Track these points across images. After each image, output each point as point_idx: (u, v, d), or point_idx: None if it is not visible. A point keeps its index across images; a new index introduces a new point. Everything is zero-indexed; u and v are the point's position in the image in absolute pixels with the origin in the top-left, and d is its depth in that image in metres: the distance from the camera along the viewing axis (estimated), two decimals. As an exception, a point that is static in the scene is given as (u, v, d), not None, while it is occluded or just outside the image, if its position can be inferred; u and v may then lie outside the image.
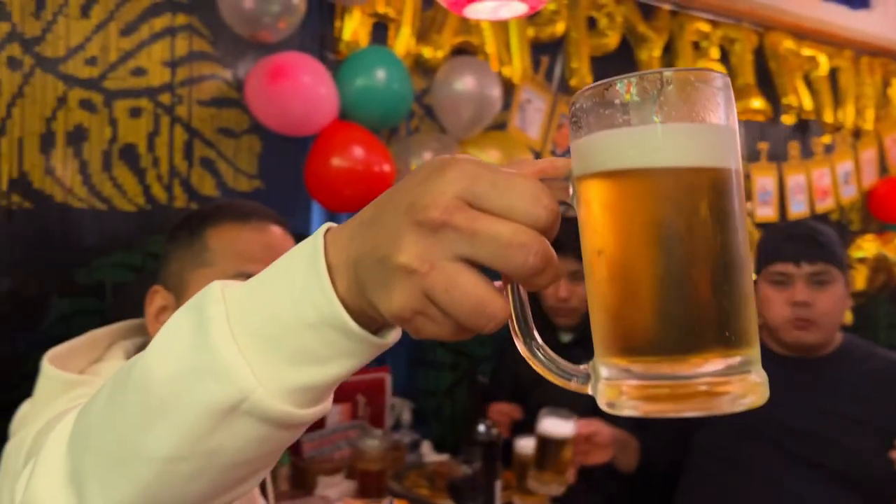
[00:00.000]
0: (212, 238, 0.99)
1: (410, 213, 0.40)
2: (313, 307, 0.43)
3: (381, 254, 0.41)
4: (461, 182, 0.40)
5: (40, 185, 1.88)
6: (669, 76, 0.40)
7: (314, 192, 2.17)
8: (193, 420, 0.43)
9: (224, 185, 2.16)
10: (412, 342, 2.56)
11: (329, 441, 2.18)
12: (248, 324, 0.44)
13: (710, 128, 0.41)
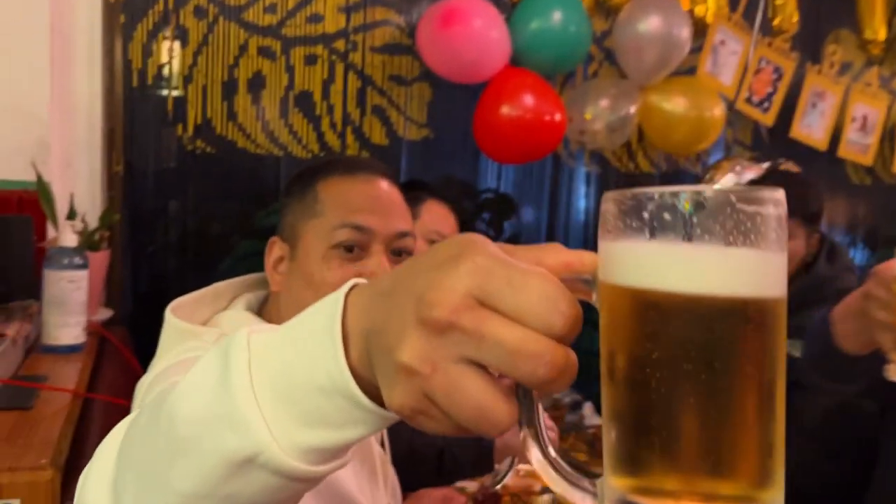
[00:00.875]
0: (322, 190, 1.00)
1: (418, 308, 0.37)
2: (326, 373, 0.42)
3: (386, 344, 0.39)
4: (474, 278, 0.37)
5: (223, 132, 1.97)
6: (706, 196, 0.36)
7: (482, 142, 2.11)
8: (212, 465, 0.43)
9: (394, 134, 2.16)
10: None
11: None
12: (267, 377, 0.43)
13: (748, 254, 0.36)
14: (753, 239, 0.36)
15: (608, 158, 2.45)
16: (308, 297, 0.94)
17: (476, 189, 2.34)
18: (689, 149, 2.35)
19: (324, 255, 0.95)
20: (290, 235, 1.00)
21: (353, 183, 1.00)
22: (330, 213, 0.97)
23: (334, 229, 0.95)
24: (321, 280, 0.94)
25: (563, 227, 2.45)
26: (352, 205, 0.97)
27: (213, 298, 1.00)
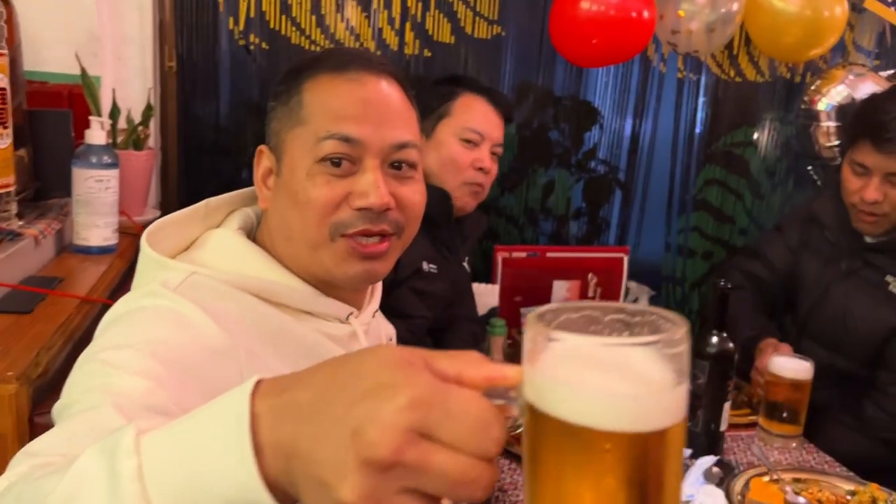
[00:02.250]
0: (307, 91, 0.86)
1: (357, 446, 0.37)
2: (236, 486, 0.41)
3: (319, 476, 0.39)
4: (414, 413, 0.38)
5: (276, 25, 1.85)
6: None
7: (558, 42, 1.89)
8: None
9: (461, 31, 1.97)
10: (658, 224, 2.27)
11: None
12: (167, 489, 0.43)
13: (651, 388, 0.41)
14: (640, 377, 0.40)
15: (707, 64, 2.17)
16: (293, 217, 0.84)
17: (553, 95, 2.13)
18: (801, 54, 2.04)
19: (308, 170, 0.83)
20: (276, 144, 0.88)
21: (342, 83, 0.85)
22: (314, 121, 0.84)
23: (319, 140, 0.82)
24: (306, 199, 0.83)
25: (649, 142, 2.21)
26: (339, 110, 0.83)
27: (206, 215, 0.91)
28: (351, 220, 0.83)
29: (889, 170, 1.60)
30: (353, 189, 0.83)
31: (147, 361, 0.66)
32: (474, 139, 1.60)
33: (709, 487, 1.27)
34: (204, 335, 0.73)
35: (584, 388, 0.40)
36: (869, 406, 1.68)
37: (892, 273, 1.69)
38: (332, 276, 0.85)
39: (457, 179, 1.60)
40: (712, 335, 1.42)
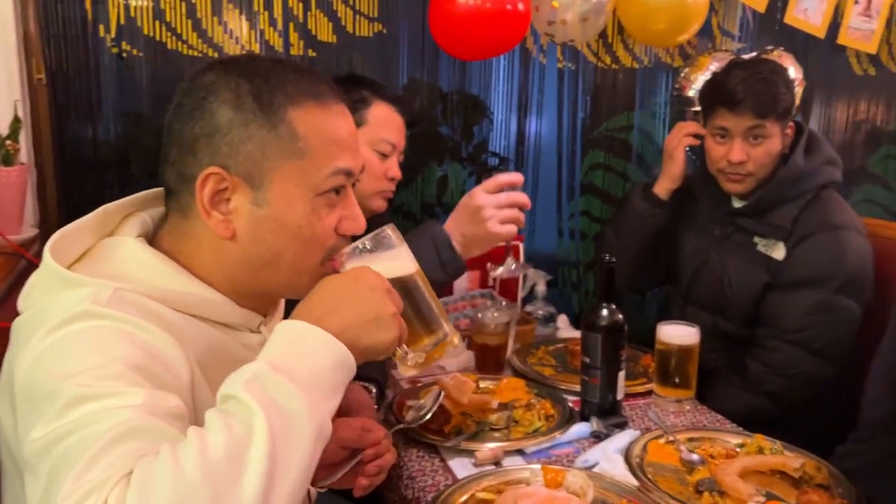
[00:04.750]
0: (299, 124, 0.86)
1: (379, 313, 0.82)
2: (337, 354, 0.78)
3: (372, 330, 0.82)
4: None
5: (150, 32, 1.80)
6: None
7: (439, 36, 1.92)
8: None
9: (343, 30, 1.98)
10: (549, 210, 2.34)
11: (454, 308, 2.06)
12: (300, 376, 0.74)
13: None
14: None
15: (583, 53, 2.26)
16: (288, 248, 0.87)
17: (440, 90, 2.17)
18: (670, 40, 2.15)
19: (312, 203, 0.87)
20: (253, 172, 0.85)
21: (332, 118, 0.89)
22: (317, 156, 0.87)
23: (327, 176, 0.87)
24: (311, 233, 0.88)
25: (536, 131, 2.28)
26: (338, 145, 0.89)
27: (102, 222, 0.89)
28: (340, 244, 0.91)
29: (746, 126, 1.73)
30: (344, 216, 0.91)
31: (128, 376, 0.71)
32: (387, 151, 1.63)
33: (610, 453, 1.32)
34: (155, 346, 0.76)
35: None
36: (751, 363, 1.79)
37: (758, 234, 1.81)
38: (299, 294, 0.87)
39: (370, 188, 1.62)
40: (602, 308, 1.48)
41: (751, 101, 1.71)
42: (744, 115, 1.73)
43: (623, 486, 1.20)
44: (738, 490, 1.18)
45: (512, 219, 1.36)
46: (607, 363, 1.47)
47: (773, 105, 1.72)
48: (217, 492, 0.62)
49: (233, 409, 0.68)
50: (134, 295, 0.79)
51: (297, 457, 0.68)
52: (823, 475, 1.23)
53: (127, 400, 0.68)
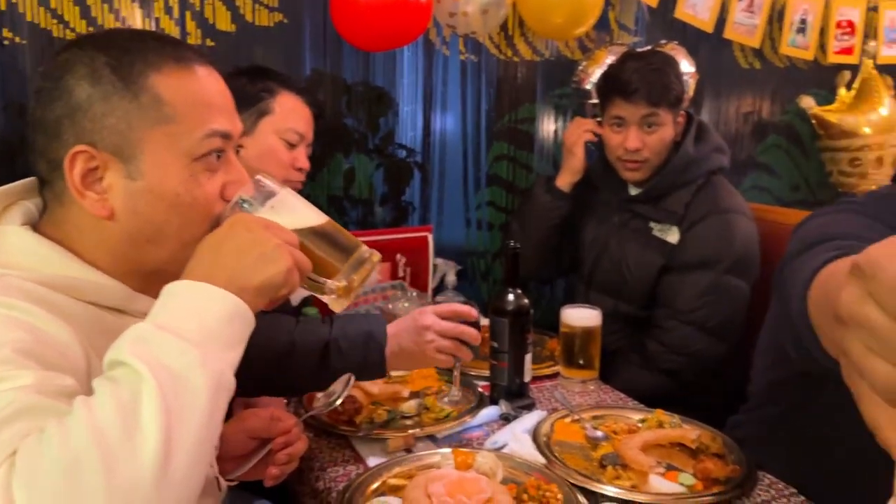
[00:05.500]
0: (162, 88, 0.83)
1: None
2: (233, 304, 0.78)
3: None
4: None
5: (34, 18, 1.71)
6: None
7: (341, 27, 1.91)
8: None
9: (242, 19, 1.93)
10: (457, 201, 2.36)
11: (365, 301, 2.05)
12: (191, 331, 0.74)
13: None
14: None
15: (485, 45, 2.29)
16: (170, 219, 0.84)
17: (345, 81, 2.15)
18: (568, 33, 2.21)
19: (189, 168, 0.83)
20: (117, 146, 0.82)
21: (199, 80, 0.85)
22: (188, 119, 0.83)
23: (200, 139, 0.84)
24: (192, 201, 0.84)
25: (441, 123, 2.30)
26: (209, 106, 0.85)
27: None
28: (226, 210, 0.88)
29: (641, 114, 1.80)
30: (227, 181, 0.87)
31: (17, 360, 0.68)
32: (294, 140, 1.62)
33: (518, 434, 1.35)
34: (47, 332, 0.73)
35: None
36: (650, 342, 1.86)
37: (654, 219, 1.89)
38: None
39: (278, 177, 1.59)
40: (508, 293, 1.51)
41: (644, 90, 1.79)
42: (638, 103, 1.80)
43: (531, 465, 1.23)
44: (639, 462, 1.23)
45: (452, 350, 1.34)
46: (514, 347, 1.50)
47: (665, 94, 1.80)
48: (109, 458, 0.60)
49: (118, 373, 0.67)
50: (22, 281, 0.77)
51: (194, 413, 0.67)
52: (718, 445, 1.30)
53: (15, 382, 0.65)
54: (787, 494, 1.18)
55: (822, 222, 1.08)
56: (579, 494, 1.14)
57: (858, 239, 0.97)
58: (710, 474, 1.20)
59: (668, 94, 1.80)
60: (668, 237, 1.87)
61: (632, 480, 1.21)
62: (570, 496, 1.14)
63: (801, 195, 2.84)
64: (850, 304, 0.42)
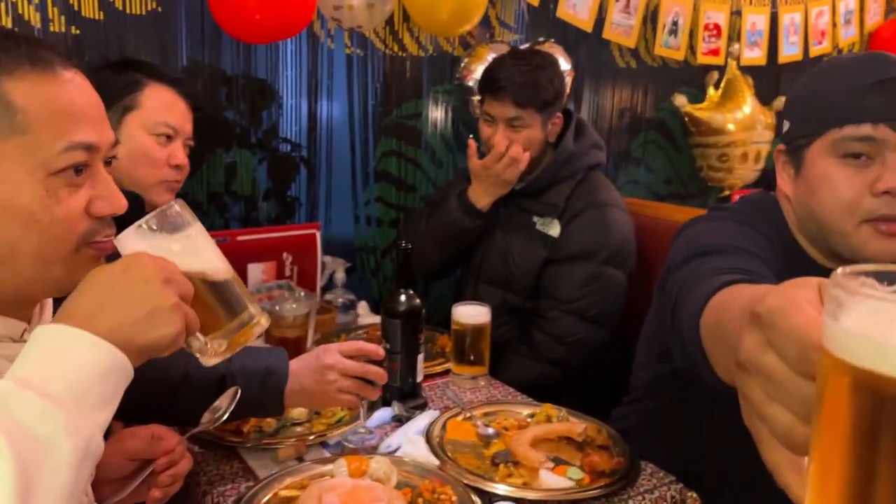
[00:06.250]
0: (16, 94, 0.75)
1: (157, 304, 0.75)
2: (102, 357, 0.72)
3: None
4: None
5: None
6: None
7: (220, 18, 1.83)
8: None
9: (110, 6, 1.81)
10: (345, 197, 2.33)
11: (250, 303, 1.98)
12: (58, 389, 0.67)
13: None
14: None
15: (371, 39, 2.26)
16: (28, 240, 0.76)
17: (224, 73, 2.07)
18: (453, 30, 2.22)
19: (45, 183, 0.75)
20: None
21: (60, 86, 0.78)
22: (44, 130, 0.75)
23: (59, 153, 0.76)
24: (50, 217, 0.76)
25: (327, 117, 2.25)
26: (72, 115, 0.78)
27: None
28: (97, 227, 0.81)
29: (507, 115, 1.84)
30: (94, 195, 0.80)
31: None
32: (168, 133, 1.52)
33: (411, 436, 1.35)
34: None
35: None
36: (535, 333, 1.91)
37: (536, 213, 1.95)
38: (60, 289, 0.79)
39: (151, 177, 1.51)
40: (401, 294, 1.50)
41: (511, 91, 1.82)
42: (505, 103, 1.84)
43: (425, 467, 1.24)
44: (529, 459, 1.26)
45: (355, 390, 1.28)
46: (407, 348, 1.50)
47: (533, 96, 1.84)
48: None
49: None
50: None
51: (55, 484, 0.61)
52: (603, 437, 1.35)
53: None
54: (668, 482, 1.24)
55: (702, 231, 1.14)
56: (473, 495, 1.15)
57: (737, 249, 1.03)
58: (597, 467, 1.24)
59: (536, 97, 1.84)
60: (549, 230, 1.92)
61: (523, 478, 1.23)
62: (465, 497, 1.15)
63: (673, 188, 2.99)
64: (750, 352, 0.43)
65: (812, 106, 1.13)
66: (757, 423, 0.42)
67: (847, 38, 3.19)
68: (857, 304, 0.35)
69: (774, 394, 0.41)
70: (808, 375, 0.38)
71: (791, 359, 0.40)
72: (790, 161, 1.17)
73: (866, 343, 0.33)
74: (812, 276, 0.45)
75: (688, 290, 0.88)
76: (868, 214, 1.07)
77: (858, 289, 0.35)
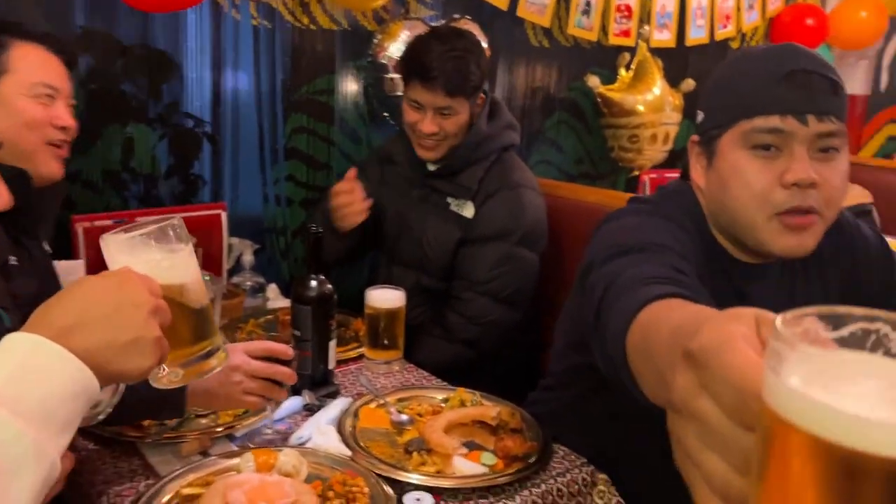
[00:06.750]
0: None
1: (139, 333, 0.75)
2: (72, 380, 0.68)
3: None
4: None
5: None
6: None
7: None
8: None
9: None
10: (253, 176, 2.24)
11: (152, 287, 1.88)
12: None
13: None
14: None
15: (279, 11, 2.17)
16: None
17: (120, 43, 1.94)
18: (366, 3, 2.15)
19: None
20: None
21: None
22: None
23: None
24: None
25: (232, 92, 2.15)
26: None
27: None
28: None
29: (437, 104, 1.80)
30: None
31: None
32: (49, 93, 1.39)
33: (322, 426, 1.31)
34: None
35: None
36: (450, 314, 1.90)
37: (450, 194, 1.93)
38: None
39: (36, 140, 1.38)
40: (311, 279, 1.45)
41: (442, 80, 1.78)
42: (436, 91, 1.80)
43: (336, 459, 1.20)
44: (443, 446, 1.24)
45: (262, 392, 1.23)
46: (318, 334, 1.45)
47: (463, 84, 1.81)
48: None
49: None
50: None
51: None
52: (517, 420, 1.35)
53: None
54: (579, 465, 1.25)
55: (623, 226, 1.13)
56: (385, 485, 1.13)
57: (660, 247, 1.02)
58: (510, 452, 1.24)
59: (466, 85, 1.81)
60: (463, 211, 1.91)
61: (437, 465, 1.22)
62: (377, 489, 1.12)
63: (584, 168, 3.03)
64: (683, 394, 0.39)
65: (724, 97, 1.14)
66: (691, 468, 0.38)
67: (750, 22, 3.30)
68: (798, 359, 0.32)
69: (710, 441, 0.37)
70: (747, 425, 0.35)
71: (727, 406, 0.36)
72: (703, 152, 1.18)
73: (809, 404, 0.31)
74: (747, 308, 0.41)
75: (614, 299, 0.86)
76: (778, 207, 1.08)
77: (799, 343, 0.32)
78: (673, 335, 0.54)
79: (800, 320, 0.34)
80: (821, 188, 1.07)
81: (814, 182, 1.06)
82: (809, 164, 1.06)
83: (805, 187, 1.06)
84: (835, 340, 0.34)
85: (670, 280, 0.88)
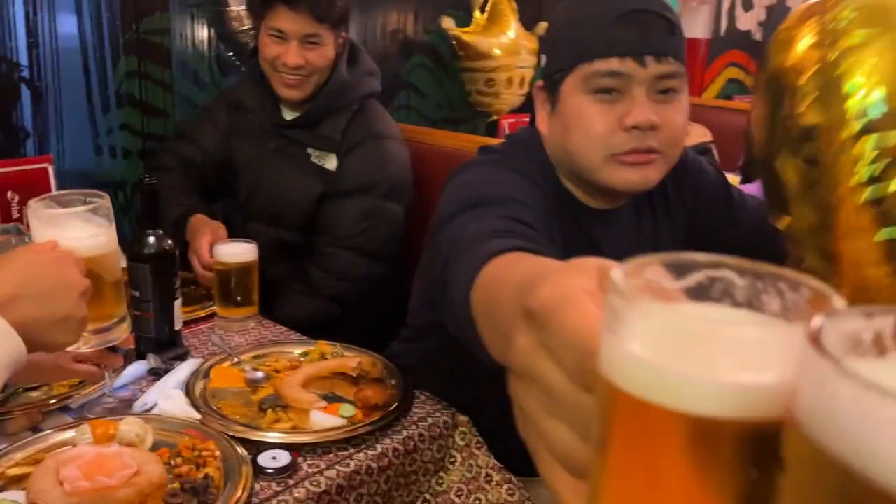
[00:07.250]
0: None
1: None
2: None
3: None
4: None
5: None
6: None
7: None
8: None
9: None
10: (82, 126, 2.04)
11: (-31, 251, 1.69)
12: None
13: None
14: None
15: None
16: None
17: None
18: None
19: None
20: None
21: None
22: None
23: None
24: None
25: (50, 31, 1.93)
26: None
27: None
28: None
29: (304, 32, 1.70)
30: None
31: None
32: None
33: (169, 390, 1.23)
34: None
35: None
36: (312, 269, 1.84)
37: (311, 146, 1.84)
38: None
39: None
40: (148, 236, 1.34)
41: (308, 3, 1.67)
42: (303, 16, 1.69)
43: (184, 423, 1.13)
44: (299, 400, 1.20)
45: (95, 359, 1.12)
46: (160, 294, 1.35)
47: (330, 10, 1.72)
48: None
49: None
50: None
51: None
52: (378, 370, 1.32)
53: None
54: (441, 409, 1.25)
55: (471, 179, 1.10)
56: (238, 447, 1.07)
57: (508, 199, 1.00)
58: (370, 401, 1.21)
59: (332, 12, 1.72)
60: (326, 164, 1.83)
61: (292, 421, 1.17)
62: (229, 451, 1.06)
63: (445, 114, 3.00)
64: (522, 355, 0.36)
65: (564, 39, 1.13)
66: (533, 435, 0.35)
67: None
68: (638, 316, 0.28)
69: (552, 407, 0.34)
70: (590, 389, 0.32)
71: (569, 368, 0.33)
72: (548, 98, 1.17)
73: (645, 369, 0.28)
74: (589, 257, 0.37)
75: (457, 256, 0.83)
76: (617, 149, 1.09)
77: (639, 296, 0.29)
78: (516, 291, 0.51)
79: (641, 270, 0.31)
80: (662, 129, 1.09)
81: (654, 124, 1.07)
82: (649, 106, 1.07)
83: (645, 129, 1.08)
84: (681, 291, 0.31)
85: (515, 233, 0.86)
